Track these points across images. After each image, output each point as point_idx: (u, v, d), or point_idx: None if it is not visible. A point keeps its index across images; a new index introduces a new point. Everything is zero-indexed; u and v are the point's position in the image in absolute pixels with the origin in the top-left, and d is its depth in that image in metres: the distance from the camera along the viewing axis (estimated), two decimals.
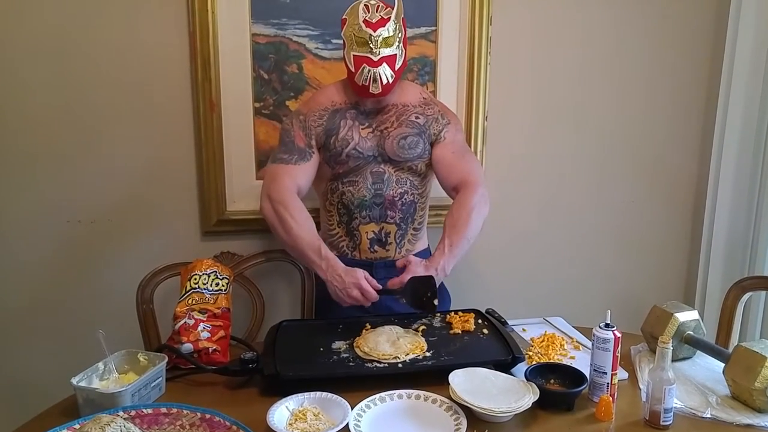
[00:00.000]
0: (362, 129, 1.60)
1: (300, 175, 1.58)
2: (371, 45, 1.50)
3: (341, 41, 1.55)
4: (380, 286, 1.45)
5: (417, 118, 1.62)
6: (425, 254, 1.72)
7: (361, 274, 1.44)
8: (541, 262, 2.18)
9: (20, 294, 1.85)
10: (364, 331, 1.43)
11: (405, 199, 1.63)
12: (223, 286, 1.45)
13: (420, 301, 1.44)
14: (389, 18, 1.52)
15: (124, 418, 1.03)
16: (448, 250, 1.48)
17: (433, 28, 1.92)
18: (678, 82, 2.13)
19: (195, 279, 1.43)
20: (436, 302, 1.43)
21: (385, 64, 1.52)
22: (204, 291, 1.42)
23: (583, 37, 2.04)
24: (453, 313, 1.53)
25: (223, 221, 1.92)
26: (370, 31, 1.50)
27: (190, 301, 1.40)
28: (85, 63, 1.76)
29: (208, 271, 1.45)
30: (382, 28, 1.51)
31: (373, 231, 1.63)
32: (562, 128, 2.10)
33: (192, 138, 1.86)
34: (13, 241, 1.82)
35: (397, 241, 1.65)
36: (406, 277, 1.44)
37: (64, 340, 1.88)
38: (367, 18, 1.51)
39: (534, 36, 2.02)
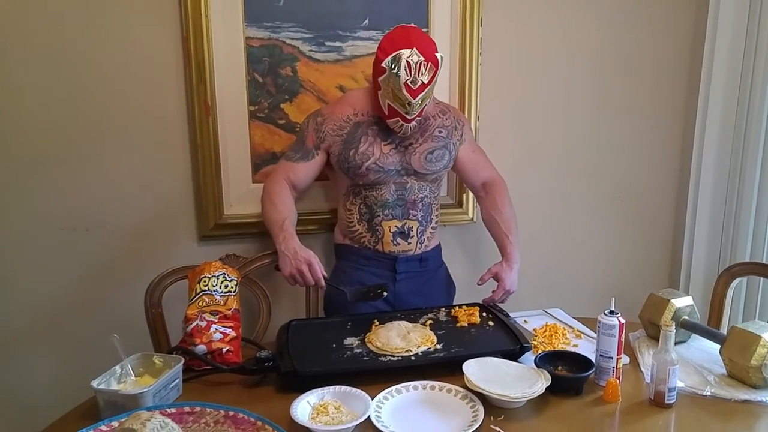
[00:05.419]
0: (384, 145, 1.63)
1: (298, 171, 1.66)
2: (408, 108, 1.51)
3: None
4: (327, 275, 1.50)
5: (440, 132, 1.68)
6: (438, 251, 1.80)
7: (314, 255, 1.48)
8: (534, 256, 2.23)
9: (17, 304, 1.81)
10: (373, 327, 1.46)
11: (424, 201, 1.70)
12: (232, 287, 1.46)
13: (366, 297, 1.56)
14: (430, 83, 1.50)
15: None
16: (515, 243, 1.67)
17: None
18: (660, 74, 2.20)
19: (204, 281, 1.43)
20: (385, 294, 1.55)
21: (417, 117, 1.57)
22: (214, 293, 1.43)
23: (574, 37, 2.10)
24: (457, 307, 1.57)
25: (220, 225, 1.91)
26: (410, 99, 1.49)
27: (200, 303, 1.40)
28: (78, 67, 1.73)
29: (217, 274, 1.45)
30: (422, 94, 1.50)
31: (396, 226, 1.67)
32: (553, 127, 2.16)
33: (187, 142, 1.85)
34: (7, 251, 1.78)
35: (419, 236, 1.70)
36: (503, 288, 1.60)
37: (64, 349, 1.85)
38: (408, 82, 1.47)
39: (525, 36, 2.06)
